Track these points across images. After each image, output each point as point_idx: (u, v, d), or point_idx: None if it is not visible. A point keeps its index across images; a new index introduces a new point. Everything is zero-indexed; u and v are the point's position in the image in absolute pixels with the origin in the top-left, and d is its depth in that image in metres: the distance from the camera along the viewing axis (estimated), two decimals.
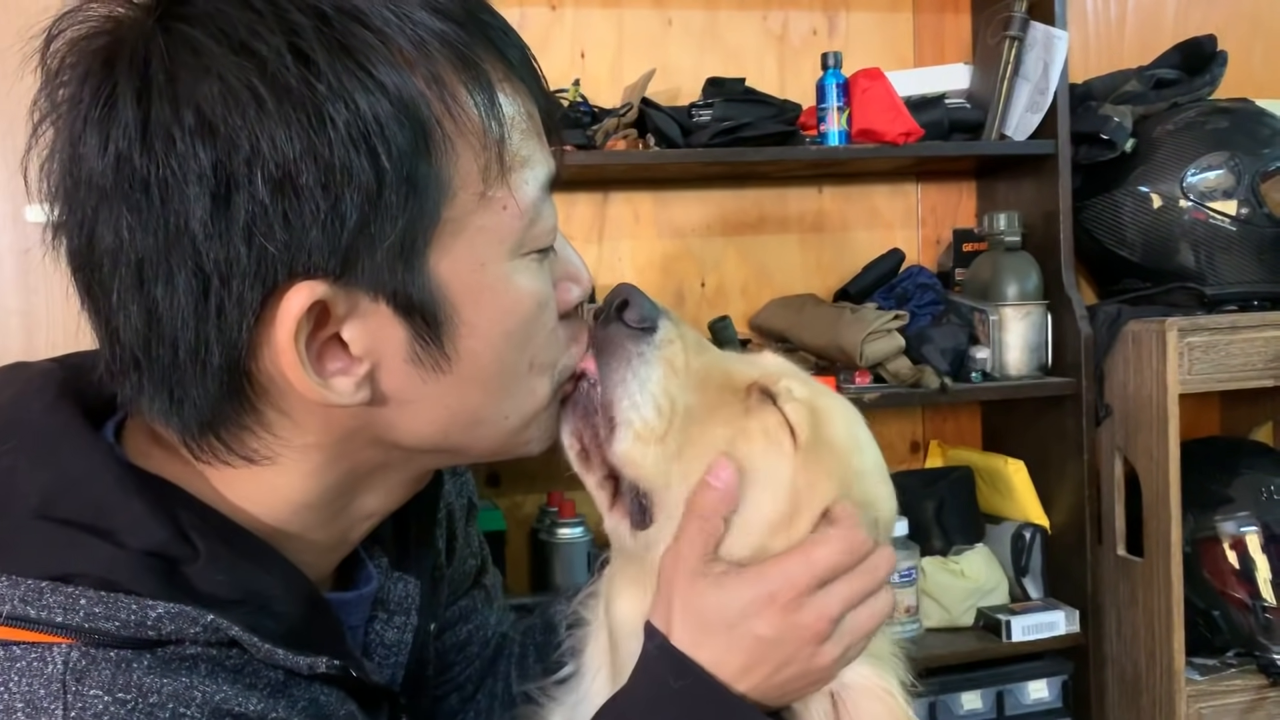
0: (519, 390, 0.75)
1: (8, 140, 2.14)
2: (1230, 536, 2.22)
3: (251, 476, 0.73)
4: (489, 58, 0.69)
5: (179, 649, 0.66)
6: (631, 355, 0.79)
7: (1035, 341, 2.28)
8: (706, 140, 2.14)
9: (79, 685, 0.62)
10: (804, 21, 2.51)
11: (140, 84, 0.63)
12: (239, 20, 0.63)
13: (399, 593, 0.87)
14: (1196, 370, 2.13)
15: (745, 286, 2.50)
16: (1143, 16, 2.68)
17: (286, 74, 0.62)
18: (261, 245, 0.63)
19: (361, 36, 0.64)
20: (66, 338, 2.16)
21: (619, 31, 2.41)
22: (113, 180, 0.64)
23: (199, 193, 0.62)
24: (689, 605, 0.77)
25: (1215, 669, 2.21)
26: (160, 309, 0.65)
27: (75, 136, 0.65)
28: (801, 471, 0.81)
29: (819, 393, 0.87)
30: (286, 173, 0.62)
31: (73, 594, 0.63)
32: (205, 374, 0.66)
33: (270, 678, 0.70)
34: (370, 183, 0.64)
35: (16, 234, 2.15)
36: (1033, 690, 2.25)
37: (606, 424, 0.80)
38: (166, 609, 0.65)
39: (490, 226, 0.70)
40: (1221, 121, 2.31)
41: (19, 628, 0.63)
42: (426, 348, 0.70)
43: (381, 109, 0.64)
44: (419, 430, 0.73)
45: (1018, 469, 2.33)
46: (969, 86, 2.45)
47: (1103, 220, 2.37)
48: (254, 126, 0.62)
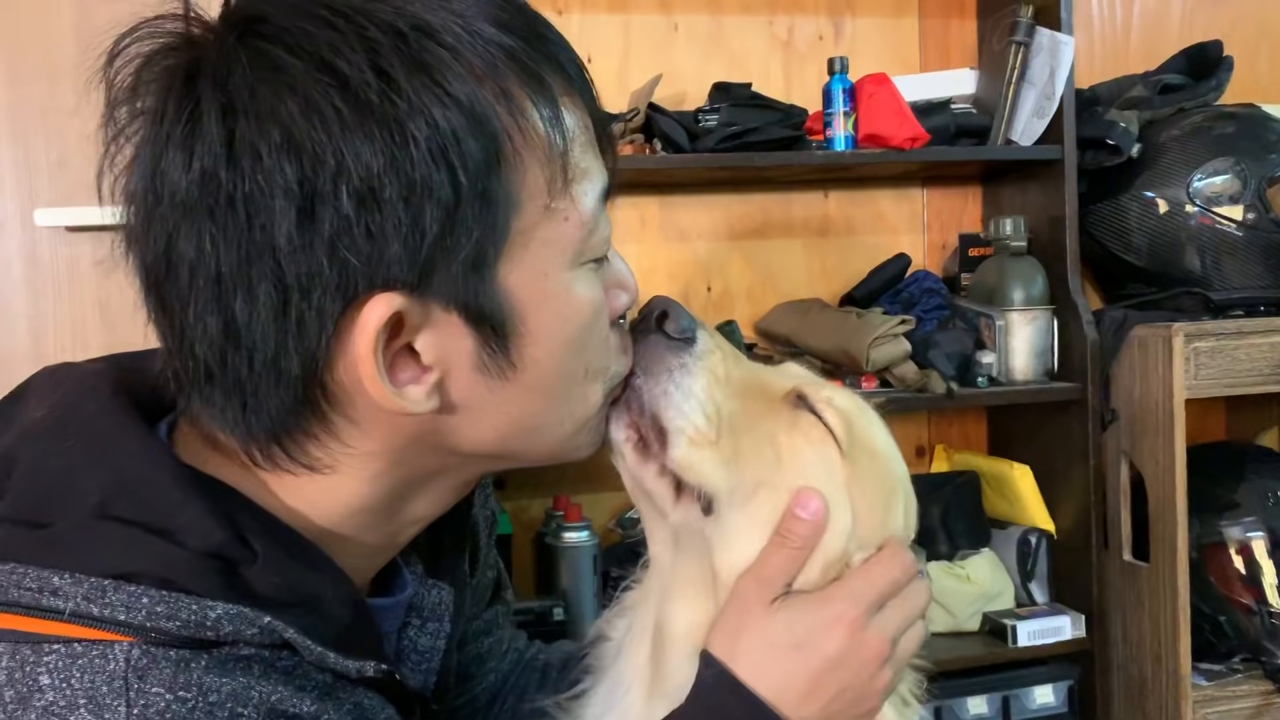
0: (575, 396, 0.77)
1: (18, 145, 2.15)
2: (1236, 542, 2.22)
3: (309, 482, 0.74)
4: (550, 72, 0.71)
5: (234, 650, 0.67)
6: (674, 366, 0.81)
7: (1041, 346, 2.28)
8: (712, 145, 2.15)
9: (141, 683, 0.62)
10: (810, 26, 2.51)
11: (225, 100, 0.64)
12: (319, 38, 0.65)
13: (433, 599, 0.88)
14: (1202, 375, 2.13)
15: (751, 291, 2.50)
16: (1149, 22, 2.69)
17: (368, 90, 0.64)
18: (344, 258, 0.65)
19: (435, 53, 0.66)
20: (74, 341, 2.17)
21: (625, 37, 2.42)
22: (197, 195, 0.65)
23: (285, 207, 0.64)
24: (761, 632, 0.78)
25: (1221, 674, 2.21)
26: (239, 321, 0.66)
27: (158, 152, 0.66)
28: (853, 482, 0.84)
29: (855, 403, 0.89)
30: (370, 187, 0.64)
31: (135, 593, 0.64)
32: (280, 384, 0.68)
33: (319, 680, 0.71)
34: (449, 196, 0.65)
35: (25, 238, 2.16)
36: (1039, 695, 2.25)
37: (657, 434, 0.81)
38: (225, 610, 0.65)
39: (553, 237, 0.72)
40: (1227, 127, 2.31)
41: (82, 625, 0.63)
42: (493, 356, 0.71)
43: (457, 123, 0.65)
44: (480, 437, 0.75)
45: (1024, 474, 2.33)
46: (975, 91, 2.46)
47: (1109, 225, 2.38)
48: (339, 142, 0.63)
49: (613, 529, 2.32)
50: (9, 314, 2.17)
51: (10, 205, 2.16)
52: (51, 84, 2.14)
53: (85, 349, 2.17)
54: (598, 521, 2.30)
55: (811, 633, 0.77)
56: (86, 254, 2.18)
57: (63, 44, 2.13)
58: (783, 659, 0.77)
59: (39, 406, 0.75)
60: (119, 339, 2.17)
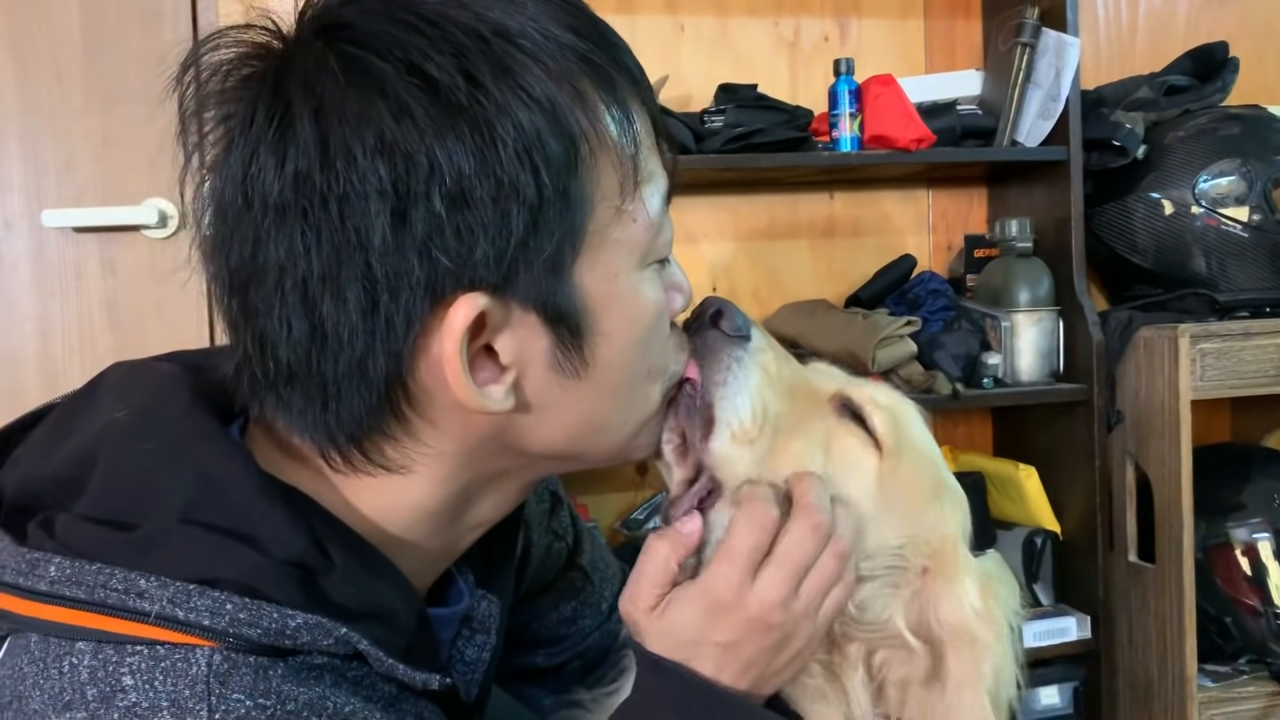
0: (638, 396, 0.78)
1: (26, 146, 2.15)
2: (1242, 543, 2.22)
3: (381, 484, 0.75)
4: (618, 75, 0.72)
5: (308, 658, 0.68)
6: (730, 360, 0.84)
7: (1047, 347, 2.28)
8: (718, 147, 2.15)
9: (223, 688, 0.63)
10: (815, 28, 2.51)
11: (316, 104, 0.66)
12: (408, 43, 0.66)
13: (482, 611, 0.89)
14: (1208, 376, 2.13)
15: (757, 292, 2.51)
16: (1154, 23, 2.68)
17: (458, 93, 0.65)
18: (435, 258, 0.66)
19: (516, 56, 0.67)
20: (81, 342, 2.17)
21: (631, 38, 2.37)
22: (291, 197, 0.66)
23: (379, 208, 0.65)
24: (656, 636, 0.79)
25: (1227, 676, 2.21)
26: (327, 323, 0.67)
27: (248, 156, 0.67)
28: (889, 479, 0.86)
29: (898, 399, 0.92)
30: (462, 188, 0.65)
31: (220, 598, 0.65)
32: (364, 385, 0.69)
33: (384, 691, 0.72)
34: (534, 197, 0.67)
35: (32, 239, 2.17)
36: (1044, 696, 2.25)
37: (705, 423, 0.83)
38: (305, 619, 0.66)
39: (624, 238, 0.73)
40: (1233, 128, 2.31)
41: (166, 628, 0.64)
42: (568, 355, 0.72)
43: (540, 124, 0.67)
44: (549, 436, 0.76)
45: (1029, 475, 2.33)
46: (980, 93, 2.46)
47: (1114, 227, 2.38)
48: (431, 143, 0.65)
49: (619, 530, 2.32)
50: (16, 315, 2.17)
51: (17, 206, 2.16)
52: (59, 85, 2.15)
53: (92, 350, 2.18)
54: (604, 522, 2.31)
55: (699, 628, 0.78)
56: (93, 255, 2.19)
57: (70, 45, 2.14)
58: (686, 654, 0.78)
59: (116, 405, 0.75)
60: (125, 340, 2.18)
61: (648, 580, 0.80)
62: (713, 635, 0.77)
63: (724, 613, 0.77)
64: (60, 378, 2.17)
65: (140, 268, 2.19)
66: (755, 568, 0.78)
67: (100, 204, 2.17)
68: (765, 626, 0.78)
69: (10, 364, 2.17)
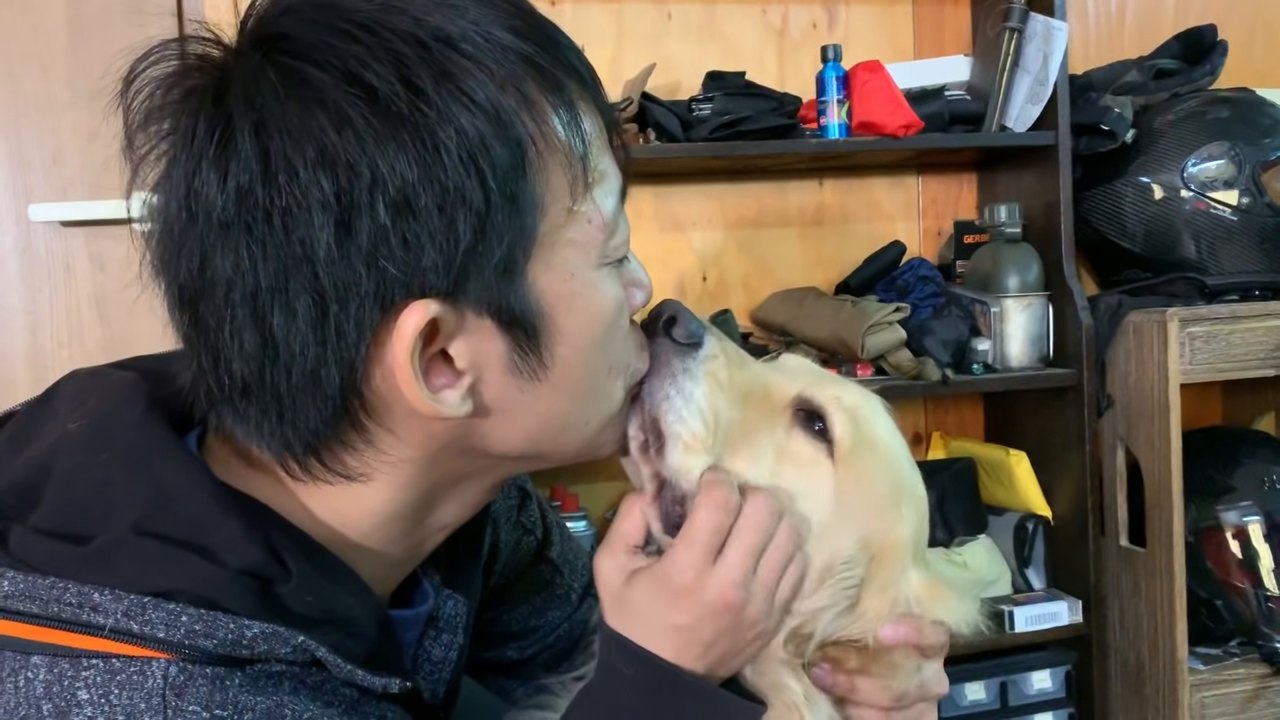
0: (600, 394, 0.78)
1: (13, 139, 2.15)
2: (1233, 526, 2.22)
3: (341, 492, 0.75)
4: (566, 76, 0.72)
5: (266, 666, 0.68)
6: (678, 370, 0.83)
7: (1036, 333, 2.28)
8: (707, 134, 2.15)
9: (179, 700, 0.63)
10: (803, 14, 2.51)
11: (257, 118, 0.65)
12: (345, 52, 0.65)
13: (449, 611, 0.89)
14: (1198, 360, 2.13)
15: (746, 280, 2.51)
16: (1143, 7, 2.68)
17: (398, 101, 0.65)
18: (382, 267, 0.66)
19: (458, 62, 0.67)
20: (70, 337, 2.17)
21: (619, 26, 2.41)
22: (234, 212, 0.65)
23: (323, 220, 0.65)
24: (620, 602, 0.80)
25: (1218, 658, 2.22)
26: (277, 335, 0.67)
27: (190, 171, 0.67)
28: (846, 486, 0.84)
29: (864, 399, 0.90)
30: (406, 196, 0.65)
31: (175, 610, 0.65)
32: (318, 396, 0.69)
33: (345, 695, 0.72)
34: (480, 203, 0.66)
35: (20, 233, 2.16)
36: (1036, 680, 2.26)
37: (655, 436, 0.82)
38: (262, 629, 0.66)
39: (578, 239, 0.73)
40: (1222, 111, 2.31)
41: (121, 641, 0.64)
42: (525, 358, 0.72)
43: (485, 130, 0.66)
44: (511, 438, 0.76)
45: (1020, 460, 2.33)
46: (969, 78, 2.45)
47: (1104, 211, 2.38)
48: (373, 153, 0.64)
49: (609, 518, 2.32)
50: (4, 310, 2.17)
51: (4, 201, 2.16)
52: (45, 79, 2.14)
53: (81, 344, 2.17)
54: (594, 511, 2.31)
55: (658, 609, 0.78)
56: (81, 249, 2.18)
57: (55, 39, 2.13)
58: (645, 633, 0.79)
59: (71, 415, 0.75)
60: (114, 334, 2.17)
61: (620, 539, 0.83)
62: (672, 619, 0.78)
63: (684, 596, 0.78)
64: (50, 372, 2.16)
65: (129, 262, 2.18)
66: (716, 551, 0.78)
67: (88, 198, 2.16)
68: (724, 607, 0.78)
69: (0, 358, 2.17)
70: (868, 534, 0.85)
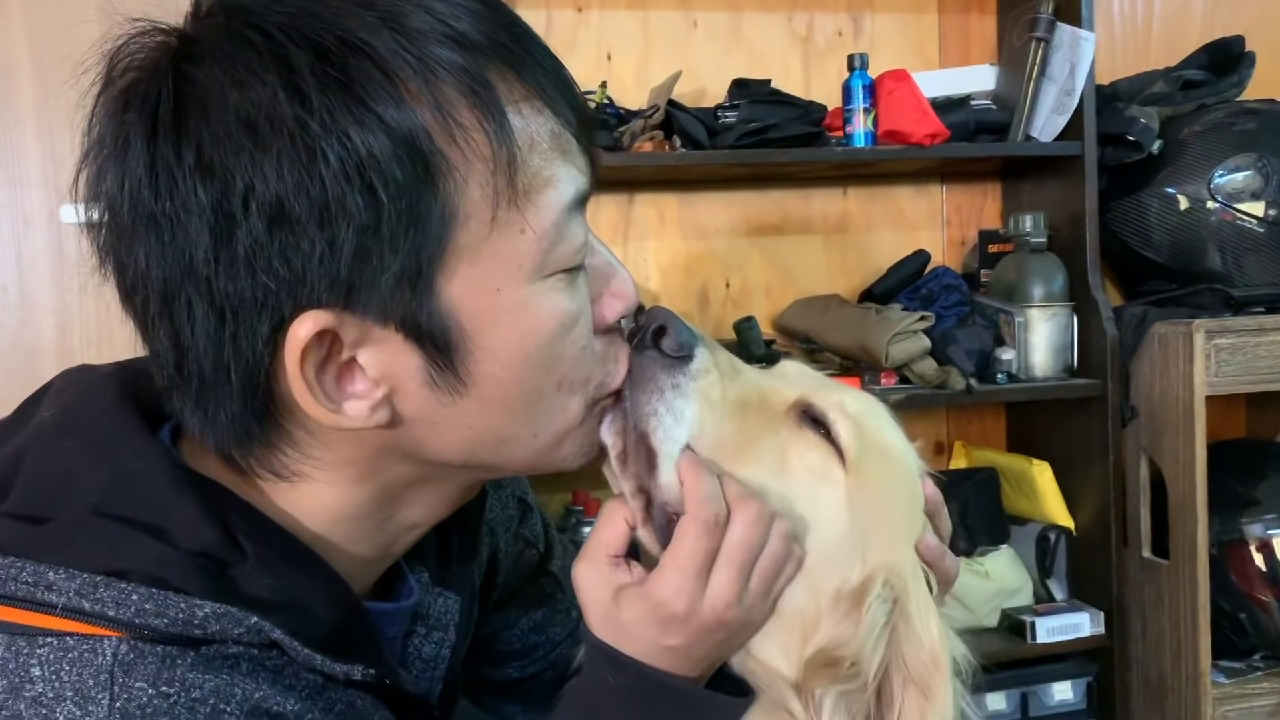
0: (546, 409, 0.75)
1: (45, 143, 2.17)
2: (1257, 539, 2.21)
3: (290, 488, 0.74)
4: (506, 80, 0.69)
5: (222, 648, 0.68)
6: (666, 387, 0.79)
7: (1061, 343, 2.28)
8: (732, 142, 2.15)
9: (126, 677, 0.64)
10: (829, 23, 2.51)
11: (150, 124, 0.65)
12: (239, 60, 0.64)
13: (438, 608, 0.88)
14: (1223, 372, 2.12)
15: (770, 287, 2.51)
16: (1170, 17, 2.67)
17: (280, 111, 0.63)
18: (263, 279, 0.65)
19: (362, 70, 0.65)
20: (100, 336, 2.19)
21: (645, 33, 2.42)
22: (128, 216, 0.67)
23: (200, 229, 0.64)
24: (609, 620, 0.78)
25: (1241, 672, 2.21)
26: (183, 335, 0.67)
27: (101, 173, 0.68)
28: (858, 494, 0.80)
29: (868, 405, 0.86)
30: (281, 209, 0.64)
31: (125, 589, 0.66)
32: (231, 396, 0.68)
33: (309, 680, 0.72)
34: (366, 216, 0.64)
35: (51, 234, 2.19)
36: (1057, 692, 2.25)
37: (647, 457, 0.79)
38: (213, 609, 0.66)
39: (505, 251, 0.70)
40: (1249, 123, 2.30)
41: (73, 619, 0.65)
42: (441, 372, 0.70)
43: (378, 143, 0.64)
44: (445, 448, 0.74)
45: (1042, 470, 2.33)
46: (995, 88, 2.45)
47: (1129, 222, 2.37)
48: (248, 164, 0.63)
49: None
50: (36, 309, 2.19)
51: (36, 202, 2.18)
52: (77, 81, 2.17)
53: (110, 344, 2.19)
54: None
55: (649, 632, 0.77)
56: None
57: (89, 41, 2.15)
58: (636, 649, 0.77)
59: (49, 406, 0.76)
60: None
61: (602, 541, 0.80)
62: (665, 641, 0.76)
63: (677, 623, 0.76)
64: None
65: None
66: (706, 572, 0.76)
67: None
68: (719, 625, 0.77)
69: (30, 357, 2.19)
70: (886, 548, 0.81)
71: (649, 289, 2.43)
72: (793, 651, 0.81)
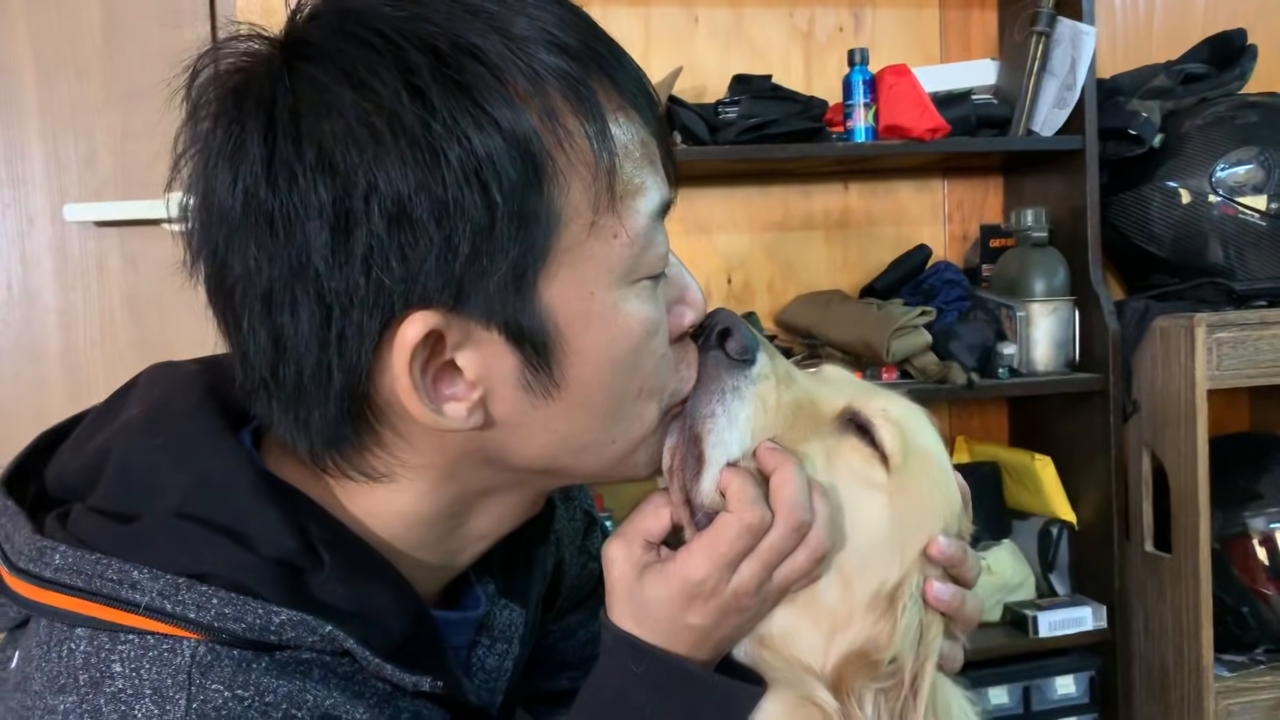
0: (626, 415, 0.76)
1: (49, 141, 2.18)
2: (1259, 533, 2.22)
3: (370, 491, 0.75)
4: (604, 88, 0.71)
5: (296, 653, 0.70)
6: (726, 388, 0.80)
7: (1062, 337, 2.28)
8: (733, 138, 2.16)
9: (203, 679, 0.66)
10: (830, 18, 2.51)
11: (267, 121, 0.66)
12: (359, 59, 0.65)
13: (503, 620, 0.89)
14: (1225, 366, 2.12)
15: (772, 283, 2.51)
16: (1171, 11, 2.67)
17: (403, 111, 0.64)
18: (379, 277, 0.65)
19: (476, 73, 0.66)
20: (103, 335, 2.20)
21: (646, 29, 2.42)
22: (240, 215, 0.67)
23: (319, 227, 0.65)
24: (631, 598, 0.79)
25: (1244, 665, 2.21)
26: (285, 335, 0.68)
27: (210, 171, 0.68)
28: (899, 495, 0.83)
29: (910, 410, 0.88)
30: (402, 208, 0.65)
31: (206, 593, 0.67)
32: (327, 398, 0.69)
33: (378, 688, 0.73)
34: (482, 217, 0.66)
35: (55, 233, 2.19)
36: (1060, 686, 2.25)
37: (696, 459, 0.79)
38: (289, 616, 0.68)
39: (600, 255, 0.71)
40: (1251, 116, 2.30)
41: (155, 619, 0.67)
42: (536, 374, 0.71)
43: (494, 145, 0.65)
44: (529, 453, 0.75)
45: (1045, 465, 2.33)
46: (996, 82, 2.45)
47: (1131, 216, 2.37)
48: (371, 163, 0.64)
49: None
50: (40, 308, 2.20)
51: (40, 201, 2.19)
52: (80, 81, 2.17)
53: (113, 342, 2.20)
54: (619, 512, 2.32)
55: (673, 609, 0.78)
56: (115, 249, 2.21)
57: (90, 42, 2.16)
58: (657, 630, 0.78)
59: (137, 404, 0.77)
60: (146, 333, 2.20)
61: (640, 531, 0.80)
62: (686, 618, 0.77)
63: (700, 601, 0.77)
64: (82, 371, 2.19)
65: (161, 261, 2.22)
66: (735, 565, 0.77)
67: (121, 198, 2.19)
68: (738, 609, 0.78)
69: (33, 357, 2.20)
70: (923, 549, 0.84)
71: None
72: (821, 646, 0.82)
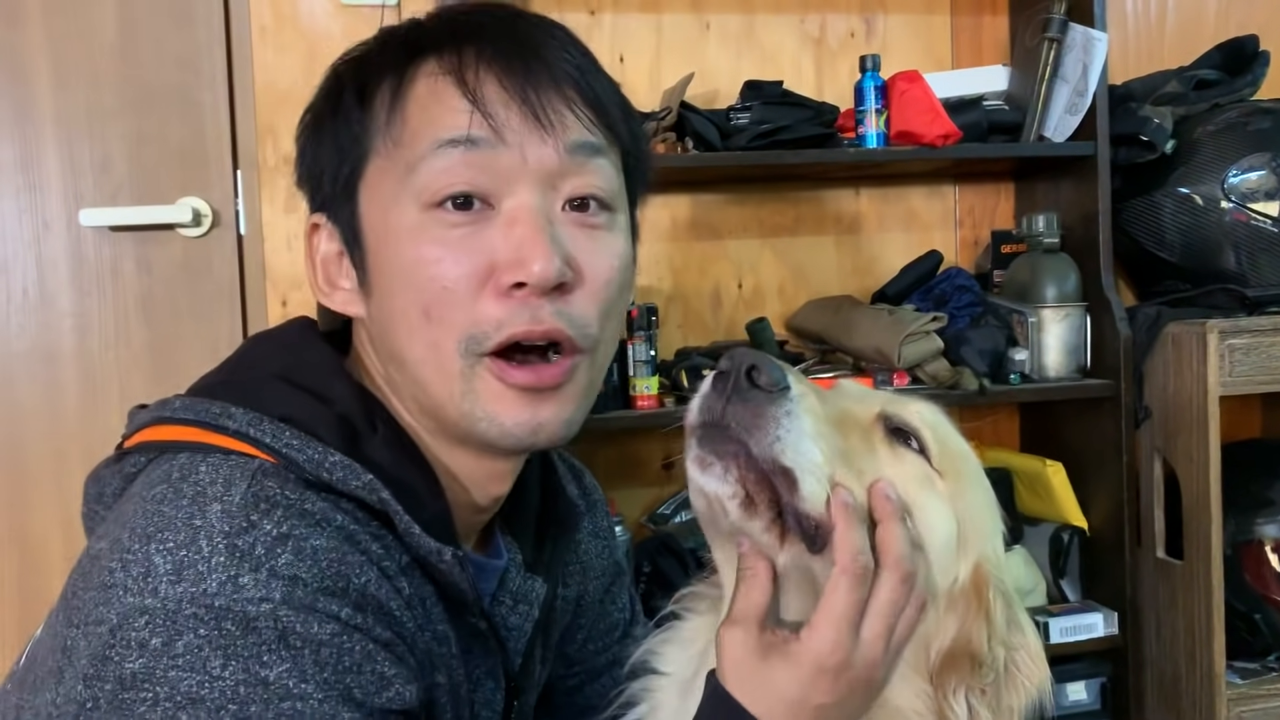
0: (423, 335, 0.87)
1: (64, 146, 2.19)
2: (1272, 539, 2.21)
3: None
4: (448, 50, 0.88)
5: (339, 501, 0.83)
6: (779, 414, 0.80)
7: (1074, 343, 2.28)
8: (744, 143, 2.16)
9: (264, 479, 0.81)
10: (841, 24, 2.52)
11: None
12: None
13: (526, 587, 0.98)
14: (1237, 372, 2.12)
15: (783, 288, 2.51)
16: (1183, 17, 2.67)
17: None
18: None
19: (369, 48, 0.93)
20: (118, 339, 2.21)
21: (657, 36, 2.43)
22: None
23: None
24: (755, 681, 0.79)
25: (1256, 672, 2.20)
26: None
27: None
28: (958, 501, 0.86)
29: (934, 415, 0.90)
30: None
31: (282, 428, 0.84)
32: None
33: (397, 559, 0.85)
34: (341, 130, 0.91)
35: (70, 238, 2.21)
36: (1071, 692, 2.25)
37: (787, 482, 0.80)
38: (341, 459, 0.83)
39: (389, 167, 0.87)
40: (1263, 122, 2.29)
41: (240, 440, 0.84)
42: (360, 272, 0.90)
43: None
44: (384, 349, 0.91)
45: (1056, 471, 2.33)
46: (1007, 88, 2.45)
47: (1142, 222, 2.37)
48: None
49: (644, 524, 2.34)
50: (55, 312, 2.21)
51: (55, 206, 2.20)
52: (95, 87, 2.19)
53: (128, 346, 2.21)
54: (630, 516, 2.32)
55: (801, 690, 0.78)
56: (129, 253, 2.22)
57: (105, 47, 2.17)
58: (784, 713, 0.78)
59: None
60: (161, 336, 2.21)
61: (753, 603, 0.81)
62: (814, 698, 0.78)
63: (830, 676, 0.77)
64: (97, 374, 2.21)
65: (175, 266, 2.23)
66: (858, 624, 0.78)
67: (136, 203, 2.20)
68: (867, 682, 0.79)
69: (49, 360, 2.21)
70: (981, 543, 0.86)
71: (662, 290, 2.44)
72: (922, 668, 0.84)
